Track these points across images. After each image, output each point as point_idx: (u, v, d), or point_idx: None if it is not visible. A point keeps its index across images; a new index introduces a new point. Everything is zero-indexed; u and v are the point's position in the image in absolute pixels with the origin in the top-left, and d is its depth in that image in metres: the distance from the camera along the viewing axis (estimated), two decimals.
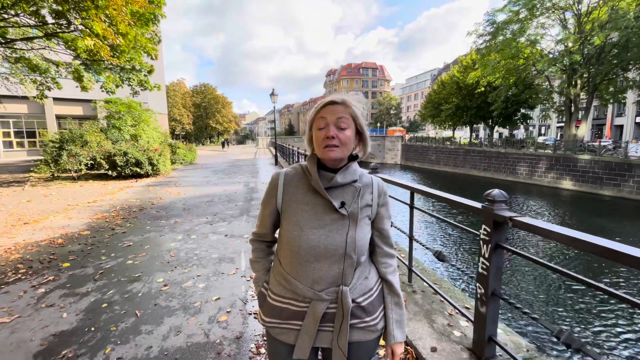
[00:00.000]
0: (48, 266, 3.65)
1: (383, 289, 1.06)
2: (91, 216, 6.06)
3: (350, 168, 0.99)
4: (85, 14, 7.00)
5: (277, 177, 1.05)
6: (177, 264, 3.64)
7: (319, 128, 0.95)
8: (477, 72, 25.49)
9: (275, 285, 1.02)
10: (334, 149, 0.93)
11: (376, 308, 1.02)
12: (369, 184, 1.04)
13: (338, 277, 0.96)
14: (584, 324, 5.70)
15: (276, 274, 1.04)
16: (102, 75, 11.31)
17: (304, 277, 0.95)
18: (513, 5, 22.33)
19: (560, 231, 1.33)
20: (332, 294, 0.96)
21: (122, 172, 11.38)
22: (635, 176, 16.85)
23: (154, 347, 2.16)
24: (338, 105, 0.95)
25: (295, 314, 0.97)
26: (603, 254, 1.16)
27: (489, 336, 1.78)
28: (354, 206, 0.98)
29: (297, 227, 0.95)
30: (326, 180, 0.96)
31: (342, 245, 0.94)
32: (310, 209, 0.97)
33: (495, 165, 25.44)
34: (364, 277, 1.02)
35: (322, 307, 0.95)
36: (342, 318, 0.95)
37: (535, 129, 49.83)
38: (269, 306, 1.02)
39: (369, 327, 1.00)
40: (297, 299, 0.97)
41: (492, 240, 1.67)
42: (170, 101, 49.55)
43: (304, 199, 0.99)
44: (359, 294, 0.99)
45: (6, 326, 2.46)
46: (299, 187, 1.01)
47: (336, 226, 0.95)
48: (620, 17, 17.46)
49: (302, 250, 0.94)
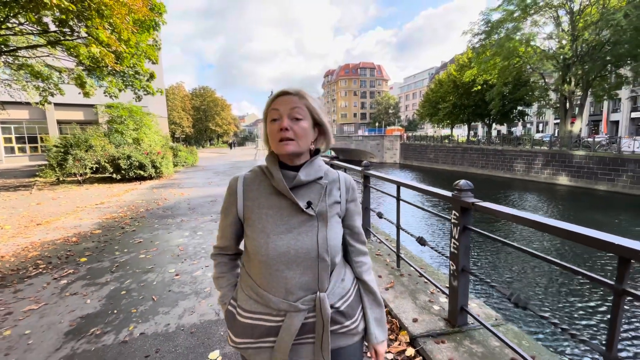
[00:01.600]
0: (66, 261, 3.95)
1: (359, 289, 1.03)
2: (100, 217, 6.36)
3: (314, 164, 0.94)
4: (90, 22, 7.30)
5: (235, 182, 0.98)
6: (187, 257, 3.95)
7: (273, 119, 0.90)
8: (473, 71, 25.81)
9: (245, 300, 0.93)
10: (289, 142, 0.88)
11: (355, 310, 0.98)
12: (335, 180, 0.99)
13: (313, 283, 0.89)
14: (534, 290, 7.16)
15: (245, 288, 0.95)
16: (105, 80, 11.60)
17: (276, 288, 0.88)
18: (507, 4, 22.69)
19: (510, 212, 1.63)
20: (308, 303, 0.89)
21: (126, 175, 11.68)
22: (628, 171, 17.15)
23: (171, 324, 2.47)
24: (292, 96, 0.90)
25: (269, 330, 0.89)
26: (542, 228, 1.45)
27: (461, 306, 2.08)
28: (322, 205, 0.92)
29: (263, 234, 0.88)
30: (289, 180, 0.90)
31: (314, 248, 0.88)
32: (275, 213, 0.90)
33: (493, 163, 25.74)
34: (341, 279, 0.97)
35: (299, 319, 0.88)
36: (322, 328, 0.89)
37: (533, 126, 50.20)
38: (239, 325, 0.92)
39: (350, 332, 0.96)
40: (270, 313, 0.89)
41: (460, 223, 1.97)
42: (169, 104, 49.87)
43: (267, 202, 0.92)
44: (337, 298, 0.94)
45: (35, 312, 2.75)
46: (261, 190, 0.94)
47: (305, 228, 0.89)
48: (610, 14, 17.78)
49: (271, 259, 0.86)
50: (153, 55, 11.91)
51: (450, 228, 2.05)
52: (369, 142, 42.75)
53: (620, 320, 1.19)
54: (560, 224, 1.35)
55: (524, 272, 8.06)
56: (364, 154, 41.48)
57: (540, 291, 7.07)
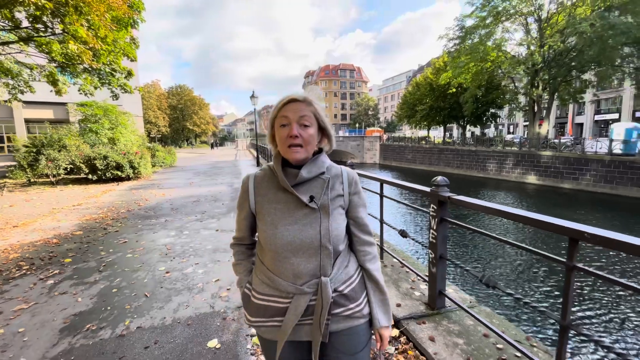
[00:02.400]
0: (50, 262, 3.90)
1: (364, 276, 1.10)
2: (80, 218, 6.22)
3: (317, 161, 1.02)
4: (67, 19, 7.10)
5: (247, 180, 1.08)
6: (175, 255, 4.00)
7: (282, 125, 0.97)
8: (448, 74, 26.74)
9: (259, 284, 1.04)
10: (298, 149, 0.96)
11: (359, 294, 1.05)
12: (338, 175, 1.06)
13: (317, 269, 0.99)
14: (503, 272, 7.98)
15: (259, 273, 1.06)
16: (79, 78, 11.22)
17: (285, 273, 0.98)
18: (480, 11, 23.72)
19: (481, 203, 1.86)
20: (313, 287, 0.98)
21: (102, 176, 11.36)
22: (591, 170, 18.34)
23: (167, 318, 2.55)
24: (300, 103, 0.96)
25: (278, 310, 1.00)
26: (507, 216, 1.68)
27: (439, 291, 2.30)
28: (324, 198, 1.00)
29: (271, 226, 0.98)
30: (292, 177, 0.99)
31: (317, 238, 0.97)
32: (282, 207, 0.99)
33: (467, 163, 26.76)
34: (344, 266, 1.05)
35: (304, 301, 0.98)
36: (322, 308, 0.97)
37: (504, 128, 52.47)
38: (253, 306, 1.04)
39: (354, 314, 1.03)
40: (280, 295, 1.00)
41: (438, 215, 2.19)
42: (144, 103, 48.43)
43: (275, 198, 1.01)
44: (341, 283, 1.02)
45: (26, 311, 2.75)
46: (270, 187, 1.03)
47: (308, 220, 0.98)
48: (577, 23, 18.99)
49: (279, 248, 0.96)
50: (131, 52, 11.66)
51: (429, 220, 2.27)
52: (350, 143, 43.26)
53: (572, 292, 1.43)
54: (522, 212, 1.59)
55: (495, 257, 8.98)
56: (344, 154, 41.92)
57: (508, 273, 7.94)
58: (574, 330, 1.40)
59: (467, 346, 1.95)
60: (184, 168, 17.49)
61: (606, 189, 17.40)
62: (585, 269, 1.37)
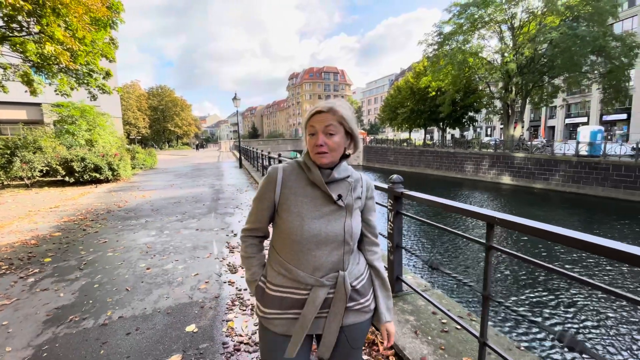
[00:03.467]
0: (29, 262, 3.96)
1: (371, 274, 1.17)
2: (57, 220, 6.21)
3: (342, 165, 1.09)
4: (45, 20, 7.06)
5: (275, 172, 1.11)
6: (155, 253, 4.13)
7: (310, 134, 1.05)
8: (428, 78, 27.57)
9: (275, 276, 1.07)
10: (324, 155, 1.03)
11: (367, 290, 1.12)
12: (358, 179, 1.15)
13: (337, 263, 1.04)
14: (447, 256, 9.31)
15: (274, 265, 1.09)
16: (54, 78, 11.03)
17: (305, 264, 1.02)
18: (457, 18, 24.63)
19: (426, 197, 2.14)
20: (331, 280, 1.03)
21: (80, 178, 11.18)
22: (560, 170, 19.35)
23: (148, 308, 2.72)
24: (325, 114, 1.03)
25: (296, 302, 1.03)
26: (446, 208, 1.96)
27: (397, 276, 2.58)
28: (349, 198, 1.07)
29: (298, 218, 1.02)
30: (325, 175, 1.05)
31: (341, 233, 1.03)
32: (309, 201, 1.04)
33: (447, 164, 27.62)
34: (356, 262, 1.12)
35: (323, 293, 1.02)
36: (340, 301, 1.03)
37: (482, 130, 54.27)
38: (268, 297, 1.06)
39: (363, 309, 1.10)
40: (298, 287, 1.03)
41: (394, 209, 2.47)
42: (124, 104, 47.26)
43: (303, 192, 1.06)
44: (354, 278, 1.08)
45: (8, 306, 2.85)
46: (298, 181, 1.08)
47: (334, 216, 1.04)
48: (546, 32, 20.06)
49: (304, 239, 1.00)
50: (110, 53, 11.58)
51: (387, 213, 2.55)
52: None
53: (491, 268, 1.73)
54: (454, 203, 1.88)
55: (442, 245, 10.42)
56: None
57: (450, 257, 9.46)
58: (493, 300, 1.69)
59: (417, 322, 2.23)
60: (165, 170, 17.33)
61: (574, 189, 18.41)
62: (500, 248, 1.66)
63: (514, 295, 6.94)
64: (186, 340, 2.26)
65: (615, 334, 5.49)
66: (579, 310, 6.26)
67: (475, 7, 23.30)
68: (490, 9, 22.84)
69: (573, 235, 1.25)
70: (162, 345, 2.21)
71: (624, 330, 5.57)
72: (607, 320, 5.89)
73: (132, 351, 2.16)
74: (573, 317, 6.05)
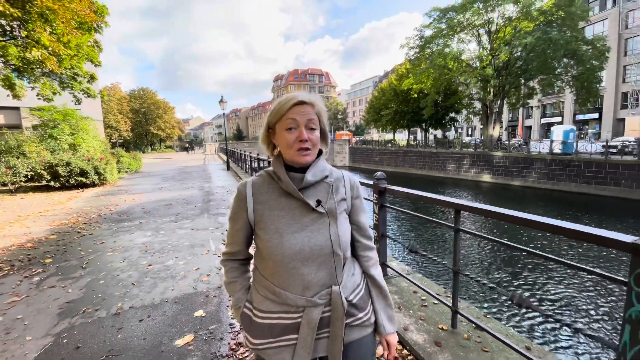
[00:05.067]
0: (30, 263, 4.09)
1: (367, 283, 1.06)
2: (50, 224, 6.26)
3: (318, 164, 0.98)
4: (32, 25, 7.09)
5: (243, 188, 1.00)
6: (155, 252, 4.33)
7: (288, 128, 0.92)
8: (410, 80, 28.33)
9: (261, 301, 0.96)
10: (308, 152, 0.93)
11: (366, 303, 1.02)
12: (340, 178, 1.04)
13: (328, 278, 0.94)
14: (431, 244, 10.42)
15: (261, 290, 0.98)
16: (37, 82, 10.92)
17: (293, 285, 0.92)
18: (437, 22, 25.48)
19: (406, 191, 2.47)
20: (325, 297, 0.93)
21: (65, 183, 11.09)
22: (536, 168, 20.30)
23: (156, 299, 2.95)
24: (307, 106, 0.93)
25: (288, 327, 0.93)
26: (420, 199, 2.30)
27: (382, 262, 2.90)
28: (331, 202, 0.96)
29: (276, 235, 0.91)
30: (297, 181, 0.94)
31: (328, 244, 0.92)
32: (286, 214, 0.94)
33: (429, 164, 28.41)
34: (351, 273, 1.01)
35: (317, 313, 0.92)
36: (338, 320, 0.93)
37: (464, 131, 55.88)
38: (256, 326, 0.95)
39: (363, 323, 1.00)
40: (288, 310, 0.93)
41: (379, 202, 2.79)
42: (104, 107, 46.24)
43: (277, 204, 0.95)
44: (350, 292, 0.98)
45: (19, 302, 3.02)
46: (270, 193, 0.97)
47: (317, 226, 0.93)
48: (521, 37, 21.04)
49: (287, 257, 0.90)
50: (95, 57, 11.57)
51: (373, 206, 2.87)
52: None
53: (459, 247, 2.07)
54: (427, 194, 2.22)
55: (422, 232, 11.67)
56: None
57: (427, 241, 10.77)
58: (462, 274, 2.03)
59: (400, 300, 2.55)
60: (151, 173, 17.24)
61: (549, 185, 19.37)
62: (465, 230, 2.01)
63: (479, 269, 8.27)
64: (196, 323, 2.52)
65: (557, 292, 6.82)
66: (529, 276, 7.62)
67: (454, 12, 24.21)
68: (468, 13, 23.75)
69: (520, 215, 1.60)
70: (175, 328, 2.46)
71: (562, 288, 6.98)
72: (551, 280, 7.35)
73: (147, 334, 2.40)
74: (525, 282, 7.36)
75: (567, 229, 1.32)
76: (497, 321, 2.23)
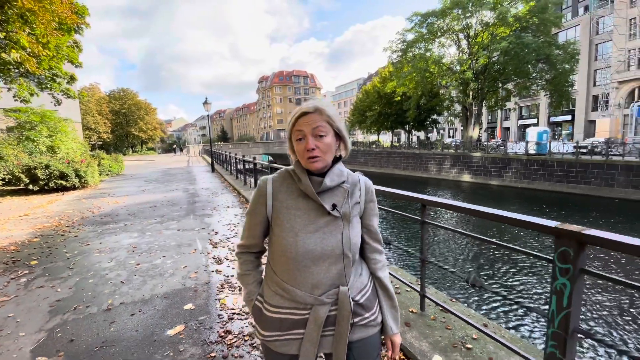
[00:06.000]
0: (15, 265, 4.10)
1: (375, 285, 1.10)
2: (32, 227, 6.20)
3: (336, 169, 1.01)
4: (10, 27, 6.99)
5: (264, 184, 1.05)
6: (142, 252, 4.41)
7: (298, 139, 0.97)
8: (394, 83, 28.93)
9: (272, 296, 1.02)
10: (317, 159, 0.96)
11: (373, 303, 1.06)
12: (356, 182, 1.07)
13: (336, 278, 0.98)
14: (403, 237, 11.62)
15: (271, 285, 1.03)
16: (14, 83, 10.67)
17: (303, 283, 0.97)
18: (418, 27, 26.16)
19: (379, 188, 2.70)
20: (332, 296, 0.98)
21: (44, 186, 10.85)
22: (513, 168, 21.14)
23: (146, 295, 3.07)
24: (311, 115, 0.96)
25: (296, 322, 0.98)
26: (399, 197, 2.53)
27: None
28: (346, 206, 1.00)
29: (291, 233, 0.96)
30: (316, 185, 0.98)
31: (339, 246, 0.96)
32: (302, 214, 0.98)
33: (412, 165, 29.07)
34: (359, 274, 1.05)
35: (324, 312, 0.97)
36: (344, 319, 0.97)
37: (446, 132, 57.24)
38: (267, 320, 1.01)
39: (369, 323, 1.04)
40: (297, 307, 0.98)
41: None
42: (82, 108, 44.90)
43: (295, 204, 1.00)
44: (357, 292, 1.02)
45: (9, 302, 3.08)
46: (289, 192, 1.02)
47: (330, 228, 0.97)
48: (497, 41, 21.90)
49: (299, 256, 0.95)
50: (75, 57, 11.41)
51: None
52: None
53: (425, 237, 2.31)
54: (396, 190, 2.45)
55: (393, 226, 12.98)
56: None
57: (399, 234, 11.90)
58: (428, 262, 2.28)
59: None
60: (134, 176, 16.98)
61: (525, 184, 20.20)
62: (431, 222, 2.25)
63: (446, 257, 9.40)
64: (186, 315, 2.67)
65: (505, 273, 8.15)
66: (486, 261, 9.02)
67: (434, 17, 24.91)
68: (448, 19, 24.52)
69: (471, 207, 1.85)
70: (165, 320, 2.60)
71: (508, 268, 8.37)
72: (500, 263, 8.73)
73: (139, 326, 2.54)
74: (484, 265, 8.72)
75: (506, 217, 1.58)
76: (461, 304, 2.49)
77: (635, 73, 29.21)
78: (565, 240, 1.38)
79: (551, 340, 1.48)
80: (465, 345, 2.01)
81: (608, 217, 13.71)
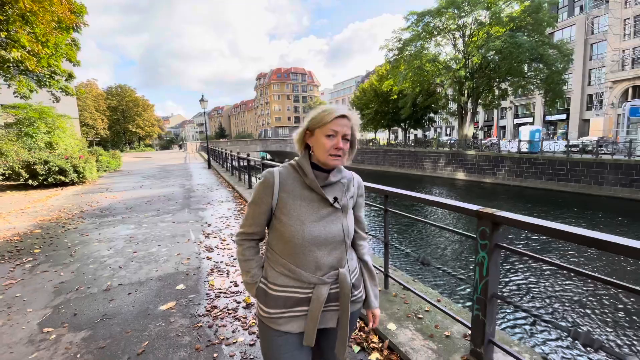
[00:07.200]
0: (20, 253, 4.38)
1: (361, 267, 1.25)
2: (33, 219, 6.47)
3: (339, 167, 1.15)
4: (12, 26, 7.22)
5: (271, 176, 1.13)
6: (139, 241, 4.71)
7: (328, 135, 1.06)
8: (390, 81, 29.20)
9: (277, 276, 1.12)
10: (339, 158, 1.08)
11: (360, 282, 1.22)
12: (350, 178, 1.21)
13: (337, 261, 1.12)
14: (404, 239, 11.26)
15: (276, 267, 1.13)
16: (13, 80, 10.88)
17: (307, 265, 1.08)
18: (415, 26, 26.39)
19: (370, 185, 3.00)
20: (332, 277, 1.11)
21: (44, 181, 11.10)
22: (505, 166, 21.48)
23: (142, 277, 3.37)
24: (346, 119, 1.08)
25: (300, 300, 1.10)
26: (374, 191, 2.82)
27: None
28: (344, 200, 1.14)
29: (298, 222, 1.06)
30: (321, 179, 1.09)
31: (340, 234, 1.10)
32: (307, 205, 1.09)
33: (408, 163, 29.39)
34: (351, 258, 1.20)
35: (325, 290, 1.09)
36: (346, 296, 1.11)
37: (443, 130, 57.59)
38: (272, 298, 1.11)
39: (357, 300, 1.19)
40: (301, 286, 1.09)
41: None
42: (80, 104, 44.96)
43: (300, 195, 1.10)
44: (351, 273, 1.16)
45: (16, 284, 3.37)
46: (294, 184, 1.12)
47: (332, 218, 1.10)
48: (491, 41, 22.16)
49: (306, 242, 1.06)
50: (73, 56, 11.62)
51: None
52: None
53: (388, 224, 2.61)
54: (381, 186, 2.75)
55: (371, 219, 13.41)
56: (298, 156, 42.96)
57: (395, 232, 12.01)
58: (391, 245, 2.58)
59: None
60: (131, 172, 17.23)
61: (517, 182, 20.55)
62: (393, 210, 2.55)
63: (407, 241, 10.50)
64: (177, 294, 2.97)
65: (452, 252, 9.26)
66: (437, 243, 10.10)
67: (430, 16, 25.13)
68: (443, 18, 24.76)
69: (419, 195, 2.15)
70: (159, 298, 2.91)
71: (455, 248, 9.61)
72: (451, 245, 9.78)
73: (136, 303, 2.84)
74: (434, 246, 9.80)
75: (440, 202, 1.89)
76: (422, 283, 2.80)
77: (629, 73, 29.58)
78: (484, 221, 1.69)
79: (476, 304, 1.79)
80: (417, 315, 2.32)
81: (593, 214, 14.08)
